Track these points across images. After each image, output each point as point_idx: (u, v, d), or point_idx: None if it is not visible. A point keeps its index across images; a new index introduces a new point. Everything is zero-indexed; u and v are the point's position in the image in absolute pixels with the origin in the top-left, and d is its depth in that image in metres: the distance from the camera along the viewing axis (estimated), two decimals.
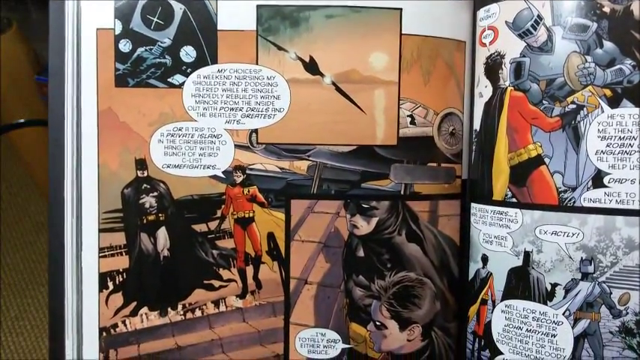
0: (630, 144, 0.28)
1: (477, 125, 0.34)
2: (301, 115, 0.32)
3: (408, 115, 0.33)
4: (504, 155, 0.32)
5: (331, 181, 0.33)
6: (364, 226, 0.33)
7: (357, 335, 0.34)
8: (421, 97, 0.33)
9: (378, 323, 0.34)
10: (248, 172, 0.33)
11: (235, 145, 0.33)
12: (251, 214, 0.33)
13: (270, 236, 0.34)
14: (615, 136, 0.28)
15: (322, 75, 0.32)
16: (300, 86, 0.32)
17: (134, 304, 0.34)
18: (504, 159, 0.32)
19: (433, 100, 0.33)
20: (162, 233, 0.34)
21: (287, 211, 0.33)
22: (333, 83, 0.32)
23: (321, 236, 0.33)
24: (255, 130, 0.33)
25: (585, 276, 0.29)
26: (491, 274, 0.33)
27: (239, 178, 0.33)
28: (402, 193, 0.33)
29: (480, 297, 0.34)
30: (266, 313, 0.34)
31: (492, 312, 0.33)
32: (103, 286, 0.33)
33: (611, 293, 0.29)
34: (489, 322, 0.33)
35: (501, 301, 0.32)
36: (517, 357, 0.31)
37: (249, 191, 0.33)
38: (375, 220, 0.33)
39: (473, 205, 0.34)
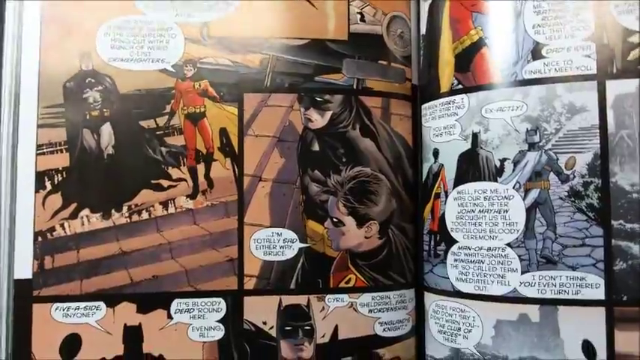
0: (564, 14, 0.32)
1: (423, 29, 0.37)
2: (253, 9, 0.35)
3: (357, 12, 0.36)
4: (449, 47, 0.35)
5: (284, 74, 0.35)
6: (318, 120, 0.35)
7: (314, 233, 0.35)
8: None
9: (335, 220, 0.35)
10: (199, 65, 0.35)
11: (186, 39, 0.34)
12: (202, 109, 0.35)
13: (223, 132, 0.35)
14: (549, 9, 0.32)
15: None
16: None
17: (74, 205, 0.33)
18: (449, 51, 0.35)
19: (381, 0, 0.37)
20: (106, 130, 0.34)
21: (240, 106, 0.35)
22: None
23: (276, 130, 0.35)
24: (207, 24, 0.34)
25: (532, 146, 0.32)
26: (443, 165, 0.35)
27: (189, 72, 0.34)
28: (354, 87, 0.35)
29: (434, 192, 0.36)
30: (218, 214, 0.35)
31: (445, 203, 0.35)
32: (39, 186, 0.33)
33: (557, 159, 0.32)
34: (443, 215, 0.35)
35: (453, 188, 0.35)
36: (471, 241, 0.33)
37: (200, 85, 0.35)
38: (329, 114, 0.35)
39: (423, 106, 0.37)
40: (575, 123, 0.31)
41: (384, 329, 0.36)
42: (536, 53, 0.32)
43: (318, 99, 0.35)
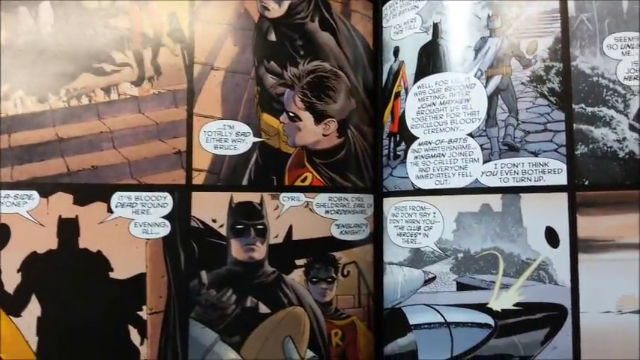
0: None
1: None
2: None
3: None
4: None
5: None
6: (275, 8, 0.36)
7: (269, 127, 0.35)
8: None
9: (291, 114, 0.35)
10: None
11: None
12: None
13: (173, 16, 0.35)
14: None
15: None
16: None
17: (6, 86, 0.32)
18: None
19: None
20: (45, 8, 0.33)
21: None
22: None
23: (230, 17, 0.35)
24: None
25: (493, 32, 0.34)
26: (403, 62, 0.37)
27: None
28: None
29: (394, 92, 0.37)
30: (165, 103, 0.35)
31: (406, 100, 0.36)
32: None
33: (519, 44, 0.33)
34: (403, 113, 0.36)
35: (414, 84, 0.36)
36: (432, 135, 0.34)
37: None
38: (286, 3, 0.36)
39: (384, 6, 0.39)
40: (536, 7, 0.33)
41: (341, 232, 0.36)
42: None
43: None
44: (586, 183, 0.31)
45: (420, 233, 0.35)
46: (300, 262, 0.35)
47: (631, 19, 0.32)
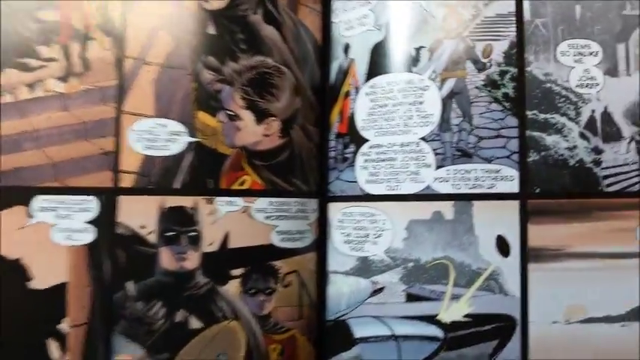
0: None
1: None
2: None
3: None
4: None
5: None
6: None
7: (205, 127, 0.36)
8: None
9: (230, 113, 0.39)
10: None
11: None
12: None
13: (104, 7, 0.36)
14: None
15: None
16: None
17: None
18: None
19: None
20: None
21: None
22: None
23: (165, 8, 0.36)
24: None
25: (448, 33, 0.36)
26: (353, 60, 0.39)
27: None
28: None
29: (343, 91, 0.39)
30: (94, 100, 0.35)
31: (356, 100, 0.38)
32: None
33: (474, 47, 0.36)
34: (353, 113, 0.38)
35: (365, 83, 0.39)
36: (383, 138, 0.38)
37: None
38: None
39: (334, 1, 0.40)
40: (493, 9, 0.36)
41: (282, 239, 0.38)
42: None
43: None
44: (537, 191, 0.34)
45: (368, 241, 0.37)
46: (236, 272, 0.36)
47: (583, 25, 0.35)
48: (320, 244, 0.39)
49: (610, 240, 0.34)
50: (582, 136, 0.35)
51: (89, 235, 0.34)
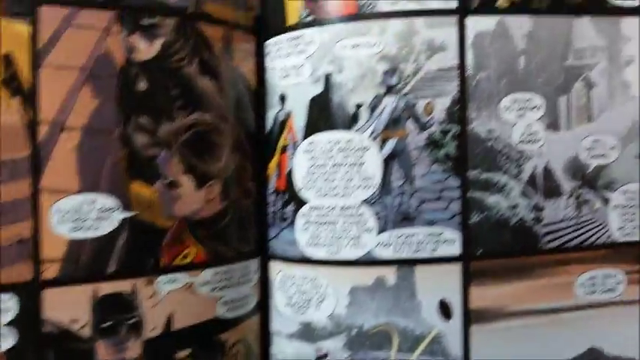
0: None
1: None
2: None
3: None
4: None
5: None
6: (145, 49, 0.33)
7: (140, 198, 0.33)
8: None
9: (168, 180, 0.34)
10: None
11: None
12: None
13: (8, 60, 0.30)
14: None
15: None
16: None
17: None
18: None
19: None
20: None
21: (33, 23, 0.30)
22: None
23: (86, 61, 0.31)
24: None
25: (389, 89, 0.35)
26: (290, 112, 0.36)
27: None
28: (190, 10, 0.34)
29: (280, 145, 0.37)
30: (2, 177, 0.30)
31: (294, 156, 0.36)
32: None
33: (415, 104, 0.35)
34: (291, 171, 0.36)
35: (303, 140, 0.36)
36: (323, 200, 0.35)
37: None
38: (159, 42, 0.32)
39: (267, 42, 0.37)
40: (434, 63, 0.34)
41: (227, 309, 0.35)
42: None
43: (145, 21, 0.32)
44: (479, 252, 0.35)
45: (310, 306, 0.35)
46: (181, 354, 0.34)
47: (526, 78, 0.35)
48: (262, 304, 0.38)
49: (549, 296, 0.36)
50: (523, 194, 0.36)
51: (10, 340, 0.31)
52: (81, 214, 0.32)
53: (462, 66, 0.35)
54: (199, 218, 0.35)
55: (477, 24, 0.35)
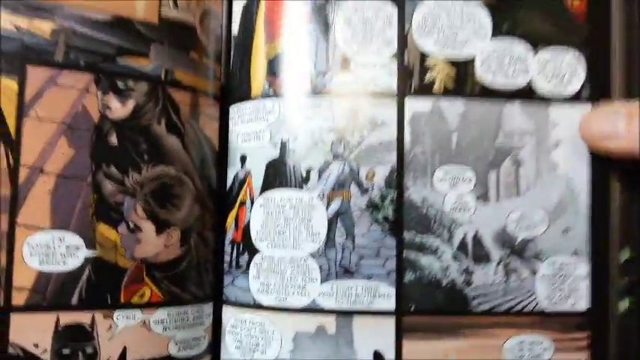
0: (371, 31, 0.39)
1: (235, 30, 0.42)
2: None
3: None
4: (262, 49, 0.40)
5: (81, 50, 0.36)
6: (119, 109, 0.38)
7: (105, 239, 0.36)
8: None
9: (131, 224, 0.38)
10: None
11: None
12: None
13: None
14: (358, 24, 0.39)
15: None
16: None
17: None
18: (262, 53, 0.40)
19: None
20: None
21: (21, 80, 0.34)
22: None
23: (65, 115, 0.35)
24: None
25: (336, 157, 0.38)
26: (250, 172, 0.40)
27: None
28: (162, 77, 0.39)
29: (239, 199, 0.40)
30: None
31: (251, 210, 0.40)
32: None
33: (358, 171, 0.38)
34: (248, 223, 0.40)
35: (259, 195, 0.40)
36: (275, 250, 0.38)
37: None
38: (131, 103, 0.37)
39: (231, 108, 0.41)
40: (376, 137, 0.38)
41: (179, 349, 0.38)
42: (344, 66, 0.38)
43: (120, 84, 0.37)
44: (412, 308, 0.37)
45: (258, 350, 0.38)
46: None
47: (459, 153, 0.38)
48: (214, 346, 0.40)
49: (479, 357, 0.38)
50: (454, 257, 0.38)
51: None
52: (50, 249, 0.35)
53: (400, 140, 0.38)
54: (157, 261, 0.37)
55: (414, 105, 0.38)
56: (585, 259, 0.39)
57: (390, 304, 0.37)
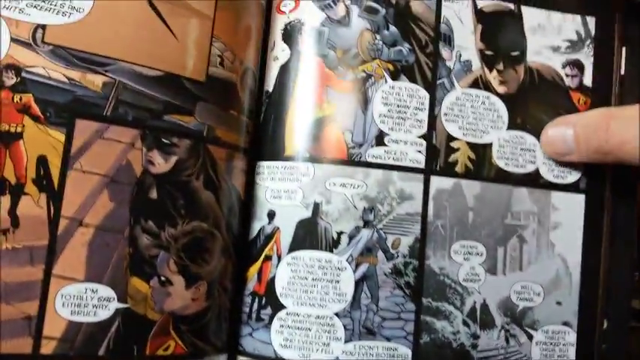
0: (405, 111, 0.42)
1: (269, 87, 0.43)
2: (105, 22, 0.34)
3: (218, 55, 0.40)
4: (301, 110, 0.41)
5: (130, 105, 0.35)
6: (161, 164, 0.37)
7: (136, 292, 0.35)
8: (232, 42, 0.41)
9: (163, 278, 0.37)
10: (24, 75, 0.33)
11: (12, 39, 0.33)
12: (19, 129, 0.33)
13: (42, 161, 0.33)
14: (394, 104, 0.42)
15: None
16: None
17: None
18: (301, 114, 0.41)
19: (241, 49, 0.42)
20: None
21: (69, 132, 0.33)
22: None
23: (109, 169, 0.35)
24: (43, 27, 0.34)
25: (366, 223, 0.40)
26: (278, 228, 0.41)
27: (10, 80, 0.33)
28: (204, 134, 0.39)
29: (264, 254, 0.41)
30: (20, 261, 0.32)
31: (277, 266, 0.40)
32: None
33: (386, 239, 0.40)
34: (273, 278, 0.40)
35: (288, 253, 0.40)
36: (301, 307, 0.40)
37: (21, 99, 0.34)
38: (174, 159, 0.37)
39: (260, 163, 0.42)
40: (404, 208, 0.40)
41: None
42: (379, 140, 0.41)
43: (165, 141, 0.37)
44: None
45: None
46: None
47: (473, 229, 0.41)
48: None
49: None
50: (464, 323, 0.41)
51: None
52: (82, 301, 0.34)
53: (424, 213, 0.41)
54: (184, 314, 0.37)
55: (439, 183, 0.41)
56: (574, 328, 0.42)
57: None
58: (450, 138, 0.42)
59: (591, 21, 0.44)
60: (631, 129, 0.36)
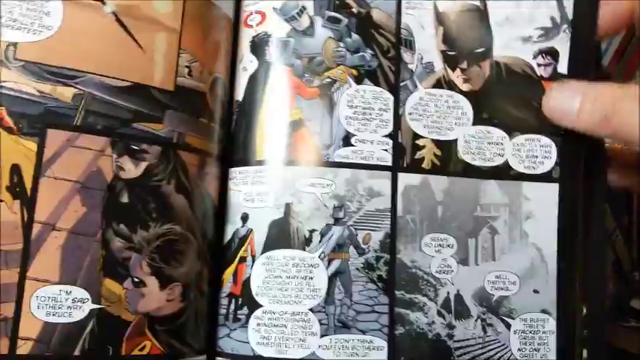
0: (370, 112, 0.42)
1: (239, 96, 0.43)
2: (74, 39, 0.35)
3: (186, 66, 0.41)
4: (270, 117, 0.42)
5: (99, 115, 0.36)
6: (132, 170, 0.37)
7: (110, 294, 0.35)
8: (200, 53, 0.41)
9: (136, 280, 0.37)
10: None
11: None
12: None
13: (15, 169, 0.34)
14: (360, 106, 0.42)
15: (103, 2, 0.37)
16: (76, 8, 0.36)
17: None
18: (269, 121, 0.42)
19: (209, 60, 0.42)
20: None
21: (41, 142, 0.34)
22: (114, 14, 0.38)
23: (80, 175, 0.35)
24: (15, 44, 0.35)
25: (337, 221, 0.40)
26: (252, 230, 0.41)
27: None
28: (174, 141, 0.39)
29: (239, 255, 0.41)
30: None
31: (252, 267, 0.40)
32: None
33: (357, 235, 0.40)
34: (248, 278, 0.40)
35: (262, 254, 0.40)
36: (276, 305, 0.39)
37: None
38: (144, 165, 0.37)
39: (233, 169, 0.42)
40: (373, 205, 0.40)
41: None
42: (346, 140, 0.41)
43: (135, 147, 0.37)
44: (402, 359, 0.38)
45: None
46: None
47: (443, 222, 0.41)
48: None
49: None
50: (439, 313, 0.40)
51: None
52: (57, 302, 0.34)
53: (393, 209, 0.41)
54: (159, 315, 0.37)
55: (407, 179, 0.41)
56: (553, 316, 0.41)
57: (383, 355, 0.39)
58: (416, 136, 0.42)
59: (568, 3, 0.43)
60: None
